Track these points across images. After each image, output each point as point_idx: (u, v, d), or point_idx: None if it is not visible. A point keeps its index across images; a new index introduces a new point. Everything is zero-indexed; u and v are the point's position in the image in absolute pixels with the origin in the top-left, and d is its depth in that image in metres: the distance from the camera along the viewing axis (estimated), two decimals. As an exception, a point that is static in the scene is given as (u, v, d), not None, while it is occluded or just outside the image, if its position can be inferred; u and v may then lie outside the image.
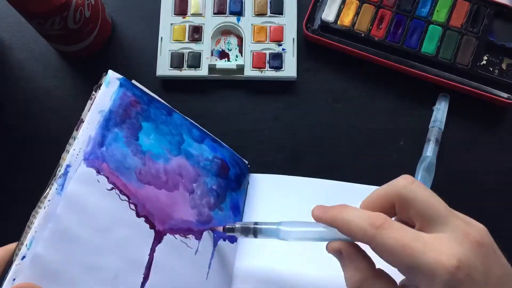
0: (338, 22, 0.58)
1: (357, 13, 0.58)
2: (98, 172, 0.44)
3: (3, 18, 0.61)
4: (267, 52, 0.58)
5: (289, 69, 0.57)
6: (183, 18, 0.59)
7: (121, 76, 0.48)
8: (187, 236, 0.48)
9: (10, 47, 0.60)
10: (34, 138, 0.57)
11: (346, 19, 0.58)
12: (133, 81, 0.50)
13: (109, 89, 0.47)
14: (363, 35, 0.57)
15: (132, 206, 0.45)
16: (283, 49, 0.58)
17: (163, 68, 0.58)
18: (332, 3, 0.58)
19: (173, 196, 0.48)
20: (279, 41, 0.58)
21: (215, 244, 0.50)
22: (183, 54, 0.58)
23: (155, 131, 0.49)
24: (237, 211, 0.53)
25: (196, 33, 0.59)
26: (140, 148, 0.47)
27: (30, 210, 0.54)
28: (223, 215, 0.51)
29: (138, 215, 0.46)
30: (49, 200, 0.42)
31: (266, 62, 0.58)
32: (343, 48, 0.57)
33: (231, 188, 0.53)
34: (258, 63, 0.58)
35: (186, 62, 0.58)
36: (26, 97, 0.58)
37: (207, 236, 0.50)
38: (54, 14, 0.51)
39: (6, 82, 0.59)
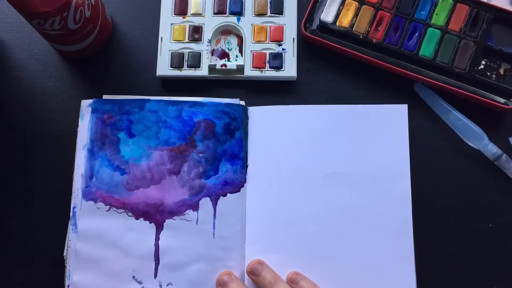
0: (337, 23, 0.58)
1: (356, 15, 0.58)
2: (95, 201, 0.53)
3: (3, 18, 0.61)
4: (267, 52, 0.58)
5: (289, 69, 0.58)
6: (183, 18, 0.59)
7: (92, 100, 0.56)
8: (184, 213, 0.53)
9: (10, 47, 0.60)
10: (34, 138, 0.57)
11: (345, 20, 0.58)
12: (104, 96, 0.57)
13: (84, 121, 0.56)
14: (361, 36, 0.57)
15: (130, 213, 0.53)
16: (283, 49, 0.58)
17: (163, 68, 0.58)
18: (331, 4, 0.58)
19: (161, 186, 0.54)
20: (279, 41, 0.58)
21: (214, 205, 0.53)
22: (183, 54, 0.58)
23: (132, 136, 0.55)
24: (235, 158, 0.54)
25: (196, 33, 0.59)
26: (123, 159, 0.54)
27: (30, 209, 0.56)
28: (216, 177, 0.54)
29: (136, 218, 0.53)
30: (70, 240, 0.53)
31: (266, 62, 0.58)
32: (341, 49, 0.57)
33: (221, 141, 0.55)
34: (258, 63, 0.58)
35: (186, 62, 0.58)
36: (26, 97, 0.58)
37: (204, 202, 0.53)
38: (54, 14, 0.51)
39: (6, 82, 0.59)
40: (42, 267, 0.53)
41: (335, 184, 0.54)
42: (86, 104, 0.56)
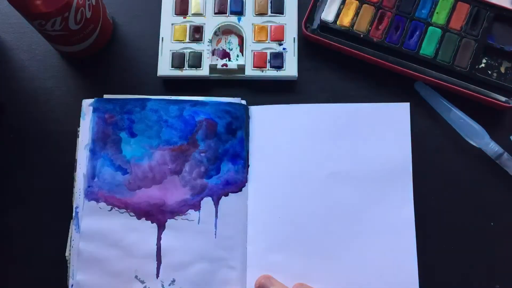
0: (338, 22, 0.58)
1: (356, 14, 0.58)
2: (97, 201, 0.54)
3: (4, 19, 0.61)
4: (268, 51, 0.58)
5: (290, 69, 0.58)
6: (184, 18, 0.59)
7: (93, 100, 0.56)
8: (186, 212, 0.53)
9: (12, 48, 0.60)
10: (36, 138, 0.57)
11: (346, 20, 0.58)
12: (105, 96, 0.57)
13: (86, 120, 0.56)
14: (362, 35, 0.57)
15: (132, 213, 0.53)
16: (284, 49, 0.58)
17: (164, 68, 0.58)
18: (332, 3, 0.58)
19: (163, 186, 0.54)
20: (279, 41, 0.58)
21: (216, 204, 0.53)
22: (184, 54, 0.58)
23: (133, 135, 0.55)
24: (237, 158, 0.54)
25: (197, 33, 0.59)
26: (125, 158, 0.54)
27: (31, 209, 0.56)
28: (218, 177, 0.54)
29: (138, 218, 0.53)
30: (73, 240, 0.53)
31: (267, 61, 0.58)
32: (341, 48, 0.57)
33: (223, 141, 0.55)
34: (259, 62, 0.58)
35: (187, 62, 0.58)
36: (27, 98, 0.58)
37: (206, 202, 0.53)
38: (55, 15, 0.51)
39: (7, 83, 0.59)
40: (44, 267, 0.54)
41: (337, 183, 0.54)
42: (87, 104, 0.56)
